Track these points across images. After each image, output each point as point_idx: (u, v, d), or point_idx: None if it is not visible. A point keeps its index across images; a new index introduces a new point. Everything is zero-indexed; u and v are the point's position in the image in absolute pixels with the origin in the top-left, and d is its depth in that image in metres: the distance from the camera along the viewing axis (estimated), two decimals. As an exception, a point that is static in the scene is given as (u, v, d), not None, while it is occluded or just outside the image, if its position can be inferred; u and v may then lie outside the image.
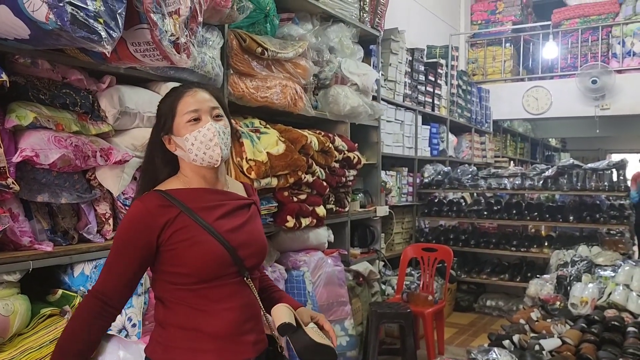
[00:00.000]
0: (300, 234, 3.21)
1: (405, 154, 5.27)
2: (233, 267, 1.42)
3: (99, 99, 2.04)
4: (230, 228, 1.44)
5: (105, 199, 2.09)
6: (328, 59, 3.50)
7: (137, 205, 1.41)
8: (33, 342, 1.75)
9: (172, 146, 1.47)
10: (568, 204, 5.36)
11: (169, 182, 1.48)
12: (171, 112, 1.45)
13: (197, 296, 1.39)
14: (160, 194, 1.42)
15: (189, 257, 1.38)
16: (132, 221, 1.40)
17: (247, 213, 1.54)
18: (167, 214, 1.38)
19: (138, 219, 1.39)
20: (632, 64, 7.24)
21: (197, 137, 1.42)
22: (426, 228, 5.87)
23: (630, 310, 3.10)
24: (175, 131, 1.45)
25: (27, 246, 1.81)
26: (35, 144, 1.75)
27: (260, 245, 1.53)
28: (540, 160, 10.99)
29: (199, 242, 1.38)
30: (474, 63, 8.53)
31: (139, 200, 1.43)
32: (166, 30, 1.76)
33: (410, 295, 4.03)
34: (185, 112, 1.43)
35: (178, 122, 1.44)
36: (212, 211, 1.44)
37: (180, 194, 1.43)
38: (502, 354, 2.34)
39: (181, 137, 1.43)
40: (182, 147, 1.44)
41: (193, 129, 1.42)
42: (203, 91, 1.48)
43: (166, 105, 1.48)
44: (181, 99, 1.45)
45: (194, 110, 1.44)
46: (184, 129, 1.43)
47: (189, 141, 1.42)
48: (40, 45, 1.63)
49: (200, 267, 1.38)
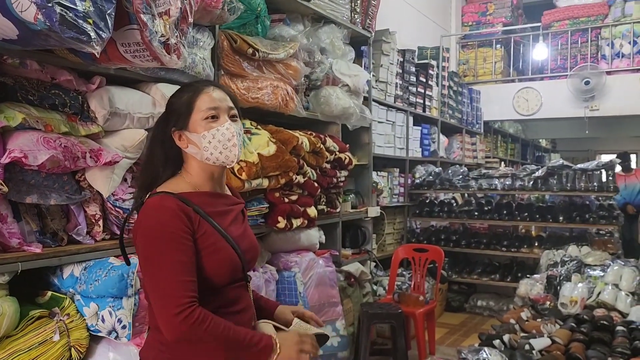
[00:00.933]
0: (291, 235, 3.21)
1: (397, 154, 5.29)
2: (241, 272, 1.43)
3: (88, 99, 2.03)
4: (238, 234, 1.45)
5: (95, 201, 2.08)
6: (319, 60, 3.51)
7: (160, 206, 1.32)
8: (22, 345, 1.74)
9: (184, 143, 1.42)
10: (558, 204, 5.40)
11: (174, 183, 1.43)
12: (188, 107, 1.41)
13: (205, 302, 1.34)
14: (174, 197, 1.35)
15: (208, 264, 1.34)
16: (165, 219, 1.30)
17: (243, 218, 1.54)
18: (192, 218, 1.34)
19: (172, 216, 1.30)
20: (621, 65, 7.31)
21: (215, 136, 1.39)
22: (417, 229, 5.89)
23: (619, 309, 3.12)
24: (191, 127, 1.40)
25: (15, 248, 1.79)
26: (24, 145, 1.73)
27: (256, 249, 1.55)
28: (530, 161, 11.06)
29: (219, 250, 1.37)
30: (465, 64, 8.58)
31: (157, 203, 1.33)
32: (156, 31, 1.75)
33: (401, 296, 4.04)
34: (205, 108, 1.40)
35: (195, 118, 1.40)
36: (224, 217, 1.43)
37: (193, 197, 1.38)
38: (493, 354, 2.35)
39: (197, 134, 1.39)
40: (196, 144, 1.40)
41: (211, 126, 1.39)
42: (220, 90, 1.46)
43: (182, 101, 1.43)
44: (200, 94, 1.42)
45: (214, 107, 1.41)
46: (200, 126, 1.39)
47: (206, 139, 1.39)
48: (28, 45, 1.62)
49: (217, 273, 1.37)
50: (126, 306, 1.91)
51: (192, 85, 1.47)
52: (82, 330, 1.91)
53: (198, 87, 1.44)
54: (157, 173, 1.45)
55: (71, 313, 1.91)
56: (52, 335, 1.81)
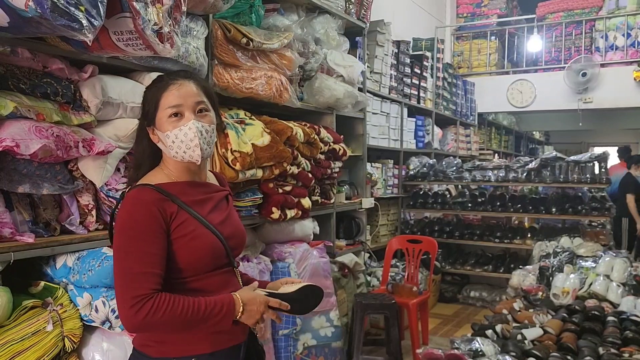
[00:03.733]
0: (285, 226, 3.21)
1: (391, 146, 5.29)
2: (225, 258, 1.45)
3: (80, 88, 2.02)
4: (220, 221, 1.46)
5: (88, 190, 2.07)
6: (313, 51, 3.49)
7: (137, 198, 1.35)
8: (15, 334, 1.74)
9: (155, 138, 1.44)
10: (551, 196, 5.43)
11: (153, 175, 1.45)
12: (154, 104, 1.41)
13: (190, 288, 1.38)
14: (152, 188, 1.37)
15: (188, 251, 1.36)
16: (140, 210, 1.33)
17: (227, 204, 1.55)
18: (169, 208, 1.36)
19: (146, 208, 1.33)
20: (615, 58, 7.33)
21: (177, 136, 1.39)
22: (411, 220, 5.90)
23: (610, 300, 3.15)
24: (158, 125, 1.42)
25: (8, 237, 1.78)
26: (15, 134, 1.72)
27: (242, 235, 1.56)
28: (524, 153, 11.10)
29: (198, 236, 1.38)
30: (460, 56, 8.56)
31: (135, 195, 1.36)
32: (149, 19, 1.73)
33: (395, 287, 4.06)
34: (167, 106, 1.39)
35: (160, 116, 1.41)
36: (203, 205, 1.44)
37: (171, 187, 1.40)
38: (485, 344, 2.36)
39: (162, 133, 1.41)
40: (163, 142, 1.42)
41: (174, 126, 1.39)
42: (190, 83, 1.43)
43: (150, 96, 1.44)
44: (165, 91, 1.41)
45: (175, 105, 1.39)
46: (165, 124, 1.40)
47: (170, 138, 1.39)
48: (19, 33, 1.60)
49: (198, 260, 1.38)
50: (120, 296, 1.91)
51: (161, 80, 1.45)
52: (76, 320, 1.90)
53: (165, 82, 1.43)
54: (140, 164, 1.48)
55: (64, 303, 1.90)
56: (46, 325, 1.81)
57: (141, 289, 1.27)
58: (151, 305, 1.26)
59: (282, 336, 2.94)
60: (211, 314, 1.31)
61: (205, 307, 1.30)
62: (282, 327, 2.94)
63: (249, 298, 1.38)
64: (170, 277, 1.37)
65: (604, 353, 2.31)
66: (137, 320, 1.26)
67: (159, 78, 1.47)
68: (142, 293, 1.26)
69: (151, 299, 1.27)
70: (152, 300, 1.26)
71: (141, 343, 1.42)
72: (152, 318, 1.26)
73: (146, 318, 1.25)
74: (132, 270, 1.28)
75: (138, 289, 1.27)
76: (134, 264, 1.29)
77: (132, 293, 1.26)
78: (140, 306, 1.25)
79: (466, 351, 2.32)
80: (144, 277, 1.28)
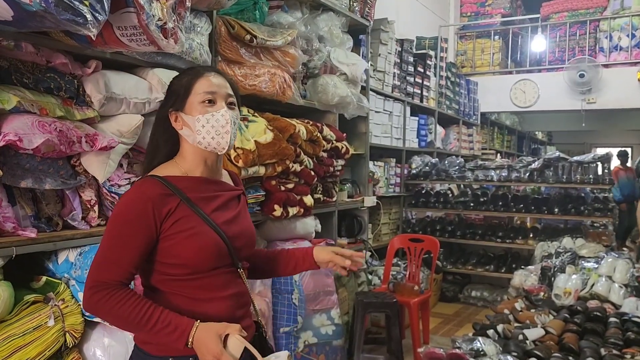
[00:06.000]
0: (287, 223, 3.20)
1: (394, 144, 5.28)
2: (228, 258, 1.43)
3: (84, 83, 2.01)
4: (226, 220, 1.44)
5: (91, 186, 2.06)
6: (317, 48, 3.48)
7: (138, 189, 1.36)
8: (16, 329, 1.73)
9: (179, 124, 1.43)
10: (553, 196, 5.42)
11: (166, 167, 1.44)
12: (186, 89, 1.41)
13: (192, 286, 1.38)
14: (159, 180, 1.37)
15: (187, 248, 1.35)
16: (135, 202, 1.34)
17: (238, 204, 1.54)
18: (169, 203, 1.35)
19: (141, 202, 1.33)
20: (619, 59, 7.30)
21: (209, 120, 1.39)
22: (413, 219, 5.90)
23: (612, 301, 3.14)
24: (187, 109, 1.41)
25: (10, 232, 1.78)
26: (18, 128, 1.71)
27: (251, 236, 1.55)
28: (526, 153, 11.08)
29: (198, 233, 1.37)
30: (463, 55, 8.55)
31: (138, 185, 1.37)
32: (153, 14, 1.73)
33: (396, 285, 4.05)
34: (202, 91, 1.40)
35: (192, 101, 1.41)
36: (209, 202, 1.43)
37: (179, 182, 1.39)
38: (487, 343, 2.36)
39: (192, 117, 1.40)
40: (190, 126, 1.41)
41: (206, 110, 1.40)
42: (221, 77, 1.46)
43: (181, 82, 1.44)
44: (200, 77, 1.42)
45: (211, 92, 1.41)
46: (196, 109, 1.40)
47: (200, 122, 1.39)
48: (24, 27, 1.60)
49: (197, 258, 1.37)
50: (121, 292, 1.90)
51: (193, 69, 1.48)
52: (77, 316, 1.90)
53: (199, 71, 1.45)
54: (154, 154, 1.47)
55: (66, 298, 1.90)
56: (47, 320, 1.80)
57: (105, 276, 1.30)
58: (105, 295, 1.29)
59: (283, 333, 2.94)
60: (160, 330, 1.29)
61: (156, 321, 1.29)
62: (283, 324, 2.94)
63: (203, 337, 1.28)
64: (172, 274, 1.37)
65: (606, 354, 2.30)
66: (89, 303, 1.31)
67: (190, 68, 1.49)
68: (104, 280, 1.30)
69: (109, 288, 1.29)
70: (109, 291, 1.29)
71: (142, 341, 1.40)
72: (102, 307, 1.30)
73: (97, 304, 1.30)
74: (106, 255, 1.32)
75: (103, 275, 1.31)
76: (109, 251, 1.32)
77: (97, 276, 1.31)
78: (96, 290, 1.29)
79: (468, 351, 2.31)
80: (114, 266, 1.31)
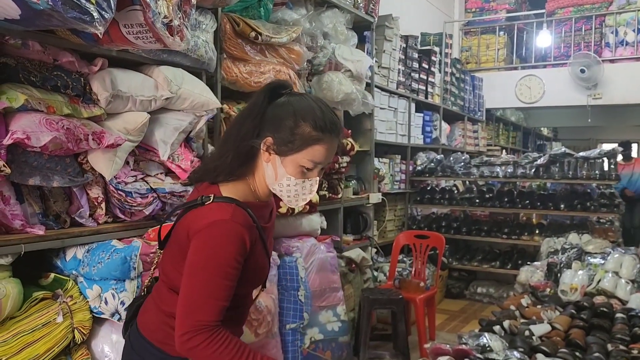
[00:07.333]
0: (293, 220, 3.21)
1: (399, 141, 5.28)
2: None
3: (90, 81, 2.02)
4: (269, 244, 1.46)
5: (98, 183, 2.07)
6: (322, 45, 3.48)
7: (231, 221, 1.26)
8: (25, 326, 1.75)
9: (266, 157, 1.34)
10: (559, 192, 5.39)
11: (239, 187, 1.37)
12: (299, 146, 1.30)
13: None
14: (245, 211, 1.31)
15: (248, 280, 1.35)
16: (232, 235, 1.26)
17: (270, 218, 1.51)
18: (252, 235, 1.31)
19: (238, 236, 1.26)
20: (625, 54, 7.26)
21: (297, 184, 1.34)
22: (418, 215, 5.89)
23: (619, 297, 3.13)
24: (284, 161, 1.32)
25: (18, 229, 1.80)
26: (26, 126, 1.72)
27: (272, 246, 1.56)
28: (532, 149, 11.03)
29: (261, 268, 1.38)
30: (468, 51, 8.52)
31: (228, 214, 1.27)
32: (159, 12, 1.73)
33: (402, 282, 4.06)
34: (310, 159, 1.31)
35: (295, 159, 1.31)
36: (268, 232, 1.44)
37: (254, 209, 1.35)
38: (493, 339, 2.35)
39: (284, 169, 1.32)
40: (277, 173, 1.33)
41: (301, 175, 1.33)
42: (336, 141, 1.35)
43: (299, 131, 1.30)
44: (319, 143, 1.30)
45: (319, 162, 1.33)
46: (294, 169, 1.32)
47: (289, 182, 1.33)
48: (31, 25, 1.61)
49: (251, 285, 1.40)
50: (129, 289, 1.92)
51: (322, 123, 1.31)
52: (85, 312, 1.92)
53: (324, 135, 1.31)
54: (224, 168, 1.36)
55: (74, 295, 1.92)
56: (56, 316, 1.82)
57: (204, 316, 1.22)
58: (206, 338, 1.21)
59: (290, 330, 2.95)
60: None
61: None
62: (290, 321, 2.95)
63: None
64: None
65: (613, 349, 2.29)
66: (185, 347, 1.23)
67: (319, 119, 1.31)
68: (204, 321, 1.22)
69: (210, 330, 1.22)
70: (210, 333, 1.21)
71: (160, 340, 1.38)
72: (201, 351, 1.21)
73: (197, 349, 1.21)
74: (202, 292, 1.24)
75: (201, 315, 1.22)
76: (206, 288, 1.24)
77: (194, 317, 1.22)
78: (194, 334, 1.21)
79: (474, 346, 2.31)
80: (212, 307, 1.23)
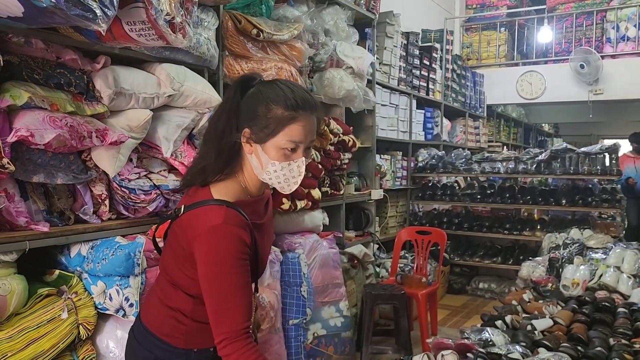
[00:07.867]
0: (295, 217, 3.22)
1: (400, 138, 5.28)
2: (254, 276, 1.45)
3: (93, 79, 2.02)
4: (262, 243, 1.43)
5: (101, 180, 2.08)
6: (323, 42, 3.48)
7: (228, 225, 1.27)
8: (30, 322, 1.76)
9: (248, 148, 1.34)
10: (561, 187, 5.40)
11: (230, 186, 1.37)
12: (273, 130, 1.30)
13: None
14: (239, 212, 1.31)
15: None
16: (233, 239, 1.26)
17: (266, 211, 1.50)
18: (248, 237, 1.31)
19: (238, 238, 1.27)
20: (626, 49, 7.25)
21: (283, 168, 1.33)
22: (420, 212, 5.90)
23: (621, 291, 3.14)
24: (265, 147, 1.31)
25: (23, 226, 1.81)
26: (30, 123, 1.73)
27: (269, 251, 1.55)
28: (533, 145, 11.01)
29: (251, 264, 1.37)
30: (469, 47, 8.51)
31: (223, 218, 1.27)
32: (161, 9, 1.74)
33: (404, 278, 4.07)
34: (290, 139, 1.30)
35: (274, 143, 1.31)
36: (260, 229, 1.42)
37: (245, 207, 1.34)
38: (495, 334, 2.37)
39: (267, 156, 1.32)
40: (261, 162, 1.33)
41: (284, 158, 1.32)
42: (314, 117, 1.35)
43: (272, 115, 1.30)
44: (292, 122, 1.30)
45: (298, 141, 1.31)
46: (276, 153, 1.31)
47: (274, 167, 1.32)
48: (34, 23, 1.61)
49: None
50: (133, 285, 1.93)
51: (293, 103, 1.30)
52: (90, 308, 1.93)
53: (295, 112, 1.31)
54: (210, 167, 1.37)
55: (79, 291, 1.93)
56: (61, 312, 1.83)
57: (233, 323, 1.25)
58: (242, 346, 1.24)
59: (292, 325, 2.96)
60: None
61: None
62: (292, 316, 2.96)
63: None
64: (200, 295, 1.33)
65: (615, 344, 2.30)
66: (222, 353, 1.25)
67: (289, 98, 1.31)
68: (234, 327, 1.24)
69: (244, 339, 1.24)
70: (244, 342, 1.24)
71: (167, 334, 1.40)
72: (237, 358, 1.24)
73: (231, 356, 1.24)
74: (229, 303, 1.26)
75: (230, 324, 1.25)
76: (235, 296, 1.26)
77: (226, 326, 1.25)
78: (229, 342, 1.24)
79: (476, 341, 2.32)
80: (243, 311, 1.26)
